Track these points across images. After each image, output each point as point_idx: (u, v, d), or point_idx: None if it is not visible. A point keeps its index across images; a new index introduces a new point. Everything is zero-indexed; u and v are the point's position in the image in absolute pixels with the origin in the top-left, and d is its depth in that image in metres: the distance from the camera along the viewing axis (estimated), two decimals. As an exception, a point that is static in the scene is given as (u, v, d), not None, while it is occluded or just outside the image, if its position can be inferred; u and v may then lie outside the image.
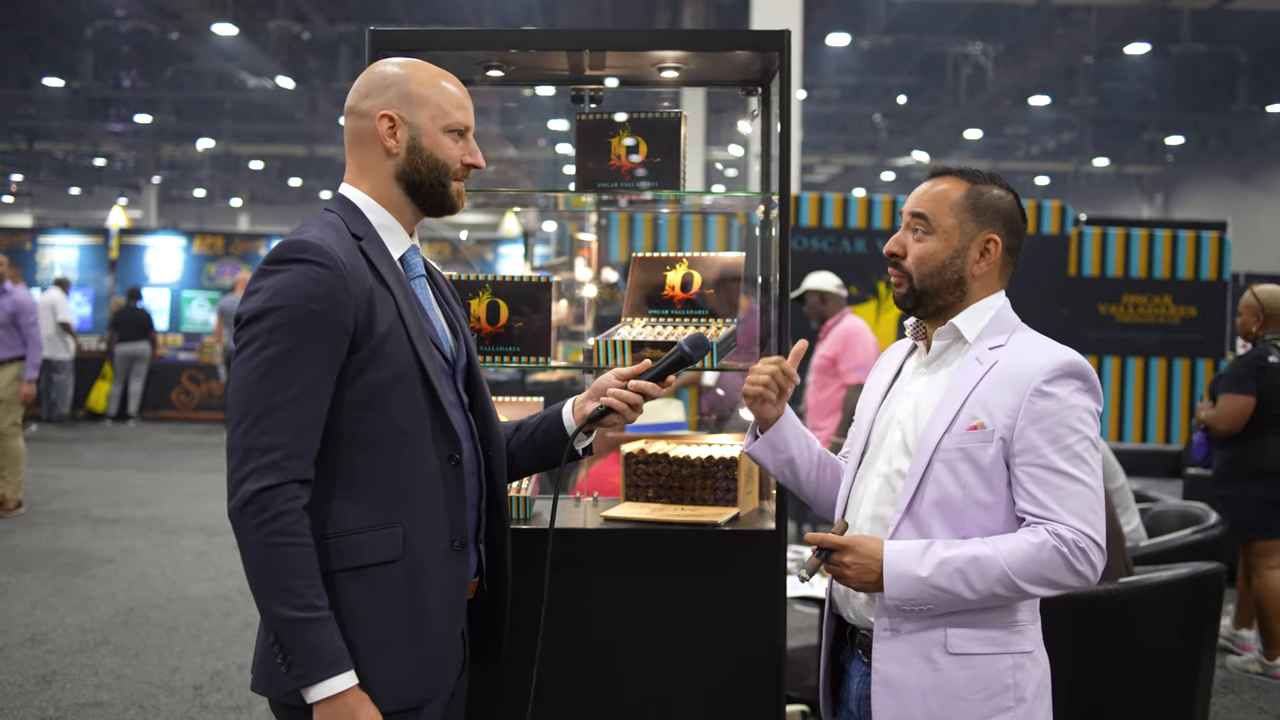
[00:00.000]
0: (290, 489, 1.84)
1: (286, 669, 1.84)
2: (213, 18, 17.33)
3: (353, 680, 1.86)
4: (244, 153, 29.46)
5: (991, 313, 2.13)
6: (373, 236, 2.03)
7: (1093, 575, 1.97)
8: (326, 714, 1.84)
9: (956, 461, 2.02)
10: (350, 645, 1.88)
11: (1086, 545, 1.94)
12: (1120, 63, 20.83)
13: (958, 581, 1.95)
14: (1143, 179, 30.74)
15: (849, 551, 2.03)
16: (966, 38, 19.89)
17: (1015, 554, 1.95)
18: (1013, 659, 2.03)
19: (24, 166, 31.62)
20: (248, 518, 1.83)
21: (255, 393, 1.86)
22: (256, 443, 1.84)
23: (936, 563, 1.96)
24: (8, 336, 8.61)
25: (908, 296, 2.15)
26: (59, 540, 7.83)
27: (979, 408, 2.02)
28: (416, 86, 2.06)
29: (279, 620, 1.83)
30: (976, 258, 2.12)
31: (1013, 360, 2.05)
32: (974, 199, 2.13)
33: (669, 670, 2.59)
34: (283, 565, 1.83)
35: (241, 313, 1.91)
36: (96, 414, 15.23)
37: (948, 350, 2.15)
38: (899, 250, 2.15)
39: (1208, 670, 3.91)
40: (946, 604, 1.98)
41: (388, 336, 1.95)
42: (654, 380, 2.26)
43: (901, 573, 1.97)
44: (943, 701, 2.01)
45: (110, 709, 4.69)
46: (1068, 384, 2.00)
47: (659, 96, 3.36)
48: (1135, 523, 5.14)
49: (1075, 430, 1.99)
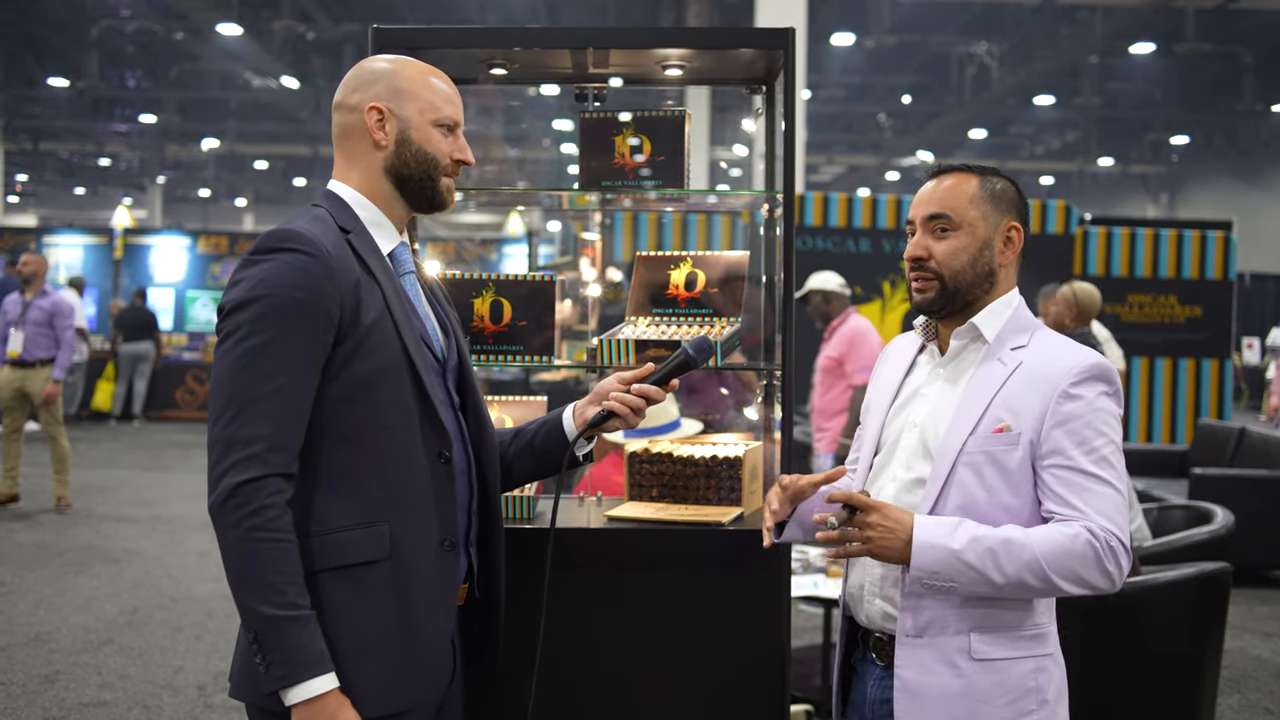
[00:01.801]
0: (273, 482, 1.80)
1: (265, 669, 1.79)
2: (217, 17, 17.36)
3: (334, 682, 1.81)
4: (249, 152, 29.50)
5: (1009, 311, 2.10)
6: (361, 231, 2.01)
7: (1119, 577, 1.93)
8: (306, 717, 1.79)
9: (982, 465, 1.99)
10: (333, 647, 1.83)
11: (1116, 546, 1.91)
12: (1125, 62, 20.81)
13: (988, 561, 1.90)
14: (1148, 179, 30.72)
15: (876, 512, 1.95)
16: (971, 37, 19.88)
17: (1049, 543, 1.91)
18: (1035, 662, 2.01)
19: (29, 166, 31.70)
20: (229, 512, 1.78)
21: (238, 383, 1.81)
22: (238, 435, 1.80)
23: (969, 538, 1.91)
24: (44, 338, 8.65)
25: (937, 299, 2.09)
26: (63, 540, 7.83)
27: (1005, 410, 1.99)
28: (405, 81, 2.04)
29: (259, 618, 1.78)
30: (1001, 247, 2.10)
31: (1038, 362, 2.02)
32: (989, 189, 2.10)
33: (672, 670, 2.58)
34: (264, 561, 1.78)
35: (225, 303, 1.87)
36: (100, 414, 15.25)
37: (966, 350, 2.11)
38: (923, 253, 2.09)
39: (1214, 670, 3.90)
40: (972, 583, 1.92)
41: (374, 328, 1.91)
42: (657, 384, 2.23)
43: (932, 544, 1.91)
44: (967, 707, 1.98)
45: (114, 709, 4.69)
46: (1094, 386, 1.98)
47: (663, 95, 3.35)
48: (1139, 522, 5.12)
49: (1101, 434, 1.96)
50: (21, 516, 8.60)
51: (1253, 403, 20.13)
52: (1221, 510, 5.06)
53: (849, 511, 1.97)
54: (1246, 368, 20.13)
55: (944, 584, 1.94)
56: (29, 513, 8.74)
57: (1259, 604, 6.83)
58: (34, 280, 8.70)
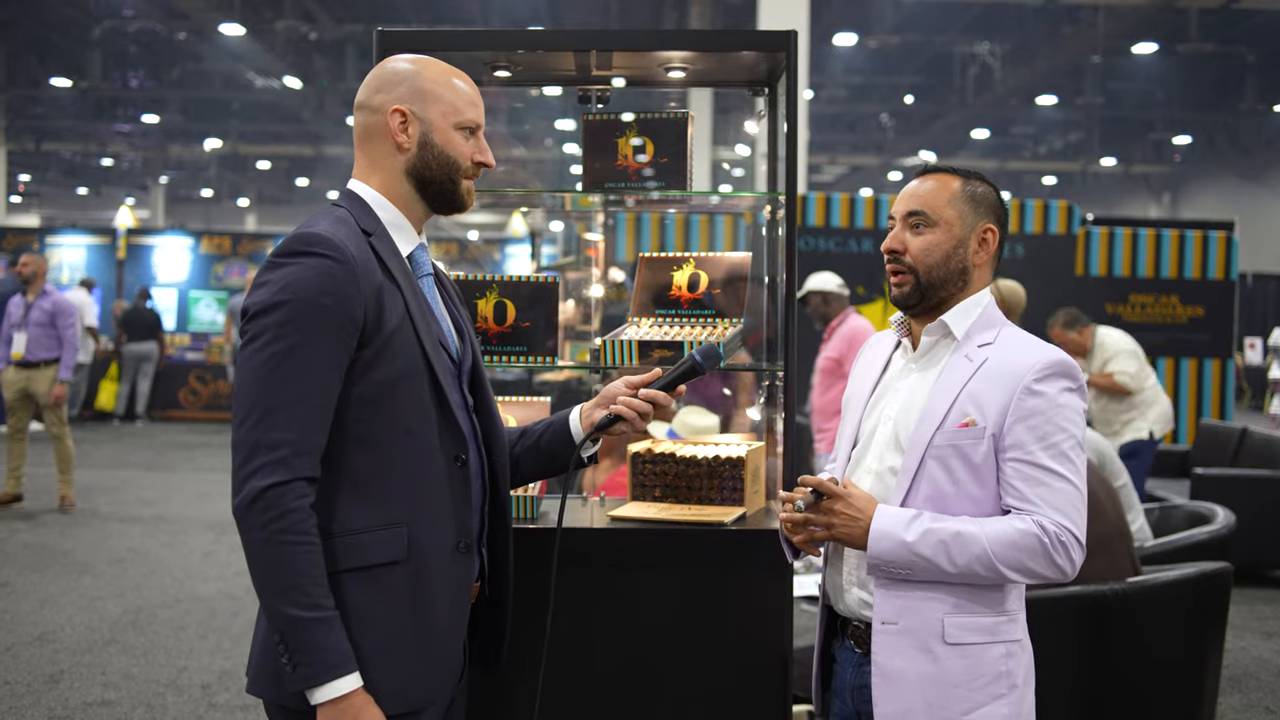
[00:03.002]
0: (298, 486, 1.82)
1: (292, 669, 1.81)
2: (220, 18, 17.38)
3: (358, 681, 1.84)
4: (251, 153, 29.52)
5: (979, 310, 2.16)
6: (382, 233, 2.02)
7: (1070, 569, 2.02)
8: (331, 715, 1.82)
9: (949, 458, 2.06)
10: (354, 647, 1.86)
11: (1068, 540, 1.99)
12: (1127, 62, 20.81)
13: (939, 553, 2.00)
14: (1150, 179, 30.70)
15: (841, 500, 2.08)
16: (974, 37, 19.89)
17: (999, 537, 1.99)
18: (1005, 647, 2.08)
19: (32, 167, 31.72)
20: (254, 515, 1.80)
21: (263, 387, 1.83)
22: (264, 438, 1.81)
23: (922, 531, 2.01)
24: (46, 338, 8.66)
25: (912, 293, 2.16)
26: (67, 540, 7.85)
27: (971, 404, 2.06)
28: (429, 83, 2.04)
29: (286, 620, 1.80)
30: (976, 248, 2.16)
31: (1003, 358, 2.08)
32: (970, 192, 2.17)
33: (675, 670, 2.59)
34: (290, 564, 1.80)
35: (249, 305, 1.88)
36: (103, 414, 15.27)
37: (936, 346, 2.18)
38: (899, 246, 2.16)
39: (1215, 670, 3.91)
40: (926, 573, 2.02)
41: (396, 333, 1.93)
42: (664, 389, 2.25)
43: (887, 533, 2.02)
44: (941, 691, 2.04)
45: (118, 708, 4.71)
46: (1057, 383, 2.04)
47: (666, 97, 3.37)
48: (1140, 522, 5.12)
49: (1062, 429, 2.03)
50: (26, 516, 8.62)
51: (1255, 403, 20.14)
52: (1223, 510, 5.07)
53: (816, 497, 2.10)
54: (1248, 368, 20.12)
55: (898, 572, 2.04)
56: (33, 513, 8.76)
57: (1260, 604, 6.83)
58: (34, 281, 8.71)
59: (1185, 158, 28.10)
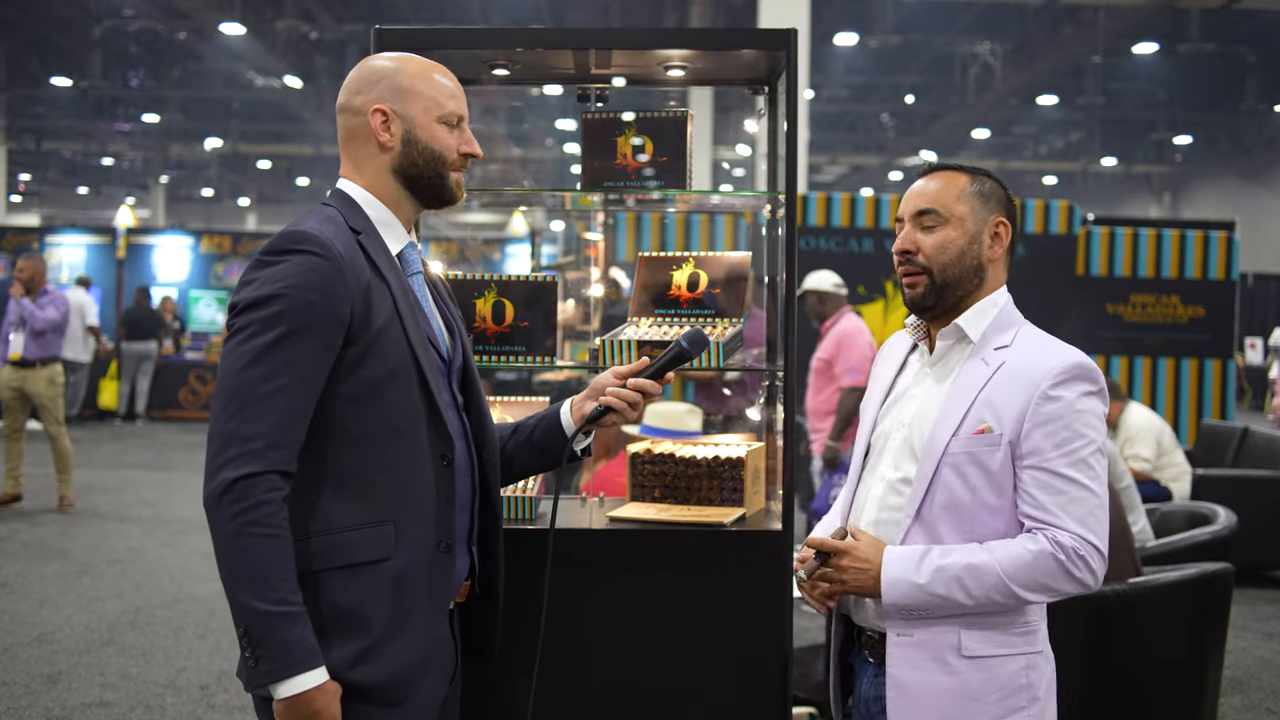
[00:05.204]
0: (270, 479, 1.81)
1: (255, 664, 1.79)
2: (220, 17, 17.37)
3: (323, 677, 1.82)
4: (251, 152, 29.52)
5: (995, 310, 2.10)
6: (371, 231, 2.01)
7: (1092, 581, 1.96)
8: (289, 711, 1.80)
9: (965, 465, 2.00)
10: (333, 644, 1.85)
11: (1087, 552, 1.94)
12: (1128, 62, 20.81)
13: (954, 588, 1.95)
14: (1151, 179, 30.70)
15: (845, 555, 2.03)
16: (974, 37, 19.88)
17: (1012, 561, 1.94)
18: (1025, 659, 2.02)
19: (32, 166, 31.72)
20: (224, 505, 1.79)
21: (242, 380, 1.82)
22: (239, 430, 1.81)
23: (933, 570, 1.96)
24: (43, 336, 8.65)
25: (927, 294, 2.09)
26: (66, 540, 7.84)
27: (986, 411, 2.00)
28: (407, 80, 2.04)
29: (249, 613, 1.79)
30: (989, 242, 2.10)
31: (1020, 362, 2.02)
32: (978, 186, 2.12)
33: (674, 671, 2.58)
34: (256, 557, 1.79)
35: (236, 301, 1.88)
36: (104, 412, 15.26)
37: (951, 351, 2.12)
38: (911, 246, 2.10)
39: (1216, 670, 3.90)
40: (945, 610, 1.98)
41: (384, 331, 1.93)
42: (652, 377, 2.23)
43: (898, 579, 1.98)
44: (957, 704, 1.99)
45: (116, 709, 4.70)
46: (1075, 387, 1.98)
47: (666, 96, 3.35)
48: (1142, 523, 5.12)
49: (1081, 435, 1.96)
50: (24, 516, 8.61)
51: (1255, 403, 20.12)
52: (1224, 510, 5.06)
53: (821, 559, 2.06)
54: (1249, 368, 20.12)
55: (916, 614, 2.00)
56: (32, 513, 8.75)
57: (1261, 604, 6.82)
58: (33, 284, 8.70)
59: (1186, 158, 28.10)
